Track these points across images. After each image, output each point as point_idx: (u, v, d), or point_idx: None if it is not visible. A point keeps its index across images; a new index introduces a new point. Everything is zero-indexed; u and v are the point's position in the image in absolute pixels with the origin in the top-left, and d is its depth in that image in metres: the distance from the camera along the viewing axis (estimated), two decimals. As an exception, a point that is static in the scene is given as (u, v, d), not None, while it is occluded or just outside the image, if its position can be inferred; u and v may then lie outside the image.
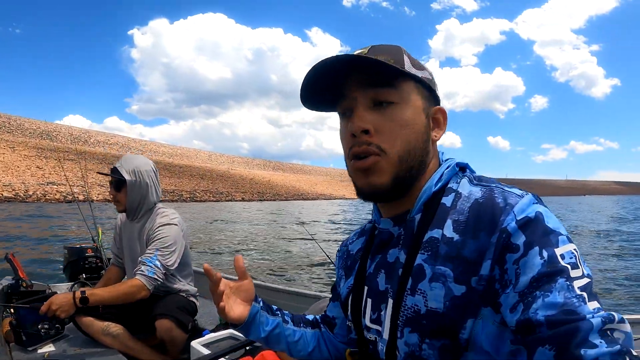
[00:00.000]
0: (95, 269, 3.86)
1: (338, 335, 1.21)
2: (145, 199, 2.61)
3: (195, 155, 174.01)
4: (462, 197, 0.84)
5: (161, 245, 2.47)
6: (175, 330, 2.39)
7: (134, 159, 2.64)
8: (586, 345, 0.59)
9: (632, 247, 13.86)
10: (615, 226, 22.21)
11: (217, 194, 61.42)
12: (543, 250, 0.69)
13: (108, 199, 19.57)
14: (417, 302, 0.81)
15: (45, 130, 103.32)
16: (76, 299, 2.16)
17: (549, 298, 0.64)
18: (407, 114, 0.86)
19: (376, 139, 0.85)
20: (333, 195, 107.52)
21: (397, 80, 0.85)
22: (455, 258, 0.78)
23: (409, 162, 0.86)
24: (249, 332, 1.11)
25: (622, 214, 37.04)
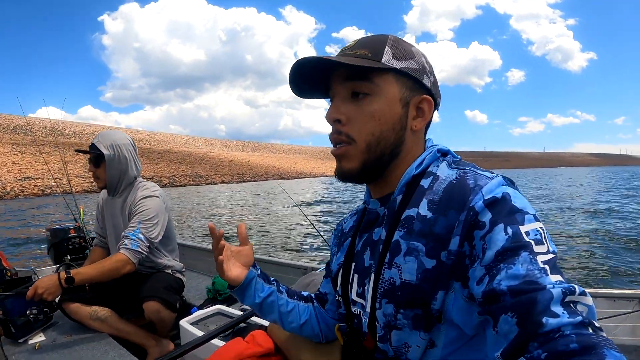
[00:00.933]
0: (80, 249, 3.84)
1: (329, 310, 1.28)
2: (125, 173, 2.59)
3: (173, 140, 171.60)
4: (439, 179, 0.89)
5: (143, 217, 2.46)
6: (164, 311, 2.39)
7: (111, 134, 2.61)
8: (548, 314, 0.60)
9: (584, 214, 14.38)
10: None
11: (197, 177, 61.14)
12: (508, 227, 0.73)
13: (87, 190, 19.67)
14: (393, 275, 0.87)
15: (18, 124, 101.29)
16: (61, 279, 2.14)
17: (512, 270, 0.68)
18: (378, 105, 0.90)
19: (347, 128, 0.92)
20: (313, 173, 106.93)
21: (372, 74, 0.90)
22: (428, 234, 0.83)
23: (377, 150, 0.92)
24: (243, 296, 1.20)
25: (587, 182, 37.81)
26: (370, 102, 0.91)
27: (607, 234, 10.88)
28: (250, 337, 1.52)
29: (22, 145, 57.30)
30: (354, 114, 0.92)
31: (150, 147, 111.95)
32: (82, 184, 33.77)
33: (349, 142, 0.92)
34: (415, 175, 0.94)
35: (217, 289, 3.04)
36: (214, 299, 3.01)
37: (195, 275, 3.74)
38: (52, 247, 3.81)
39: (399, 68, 0.91)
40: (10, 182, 36.34)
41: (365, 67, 0.88)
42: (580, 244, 9.58)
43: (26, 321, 2.33)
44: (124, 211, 2.63)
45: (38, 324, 2.41)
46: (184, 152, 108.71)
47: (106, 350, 2.19)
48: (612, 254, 8.55)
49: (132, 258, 2.35)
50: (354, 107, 0.92)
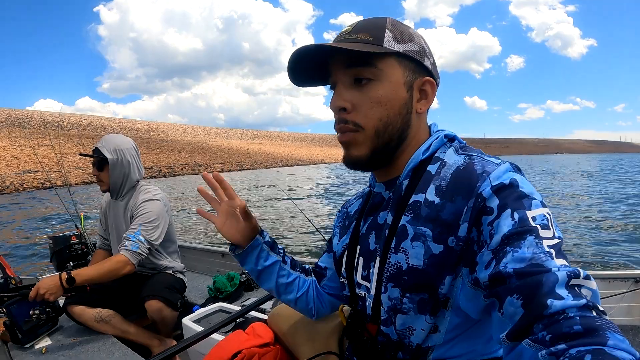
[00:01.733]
0: (82, 255, 3.85)
1: (325, 286, 1.29)
2: (127, 176, 2.65)
3: (172, 130, 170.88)
4: (446, 165, 0.89)
5: (144, 220, 2.52)
6: (165, 309, 2.44)
7: (114, 138, 2.66)
8: (553, 296, 0.61)
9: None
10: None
11: (196, 166, 60.93)
12: (515, 212, 0.73)
13: (86, 181, 19.57)
14: (399, 259, 0.87)
15: (16, 118, 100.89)
16: (63, 280, 2.19)
17: (518, 253, 0.68)
18: (383, 90, 0.89)
19: (353, 115, 0.90)
20: (312, 160, 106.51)
21: (375, 59, 0.88)
22: (435, 219, 0.83)
23: (386, 136, 0.91)
24: (245, 261, 1.21)
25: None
26: (375, 87, 0.89)
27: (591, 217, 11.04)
28: (250, 329, 1.55)
29: (20, 139, 57.04)
30: (359, 100, 0.90)
31: (148, 136, 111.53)
32: (82, 175, 33.67)
33: (356, 130, 0.91)
34: (422, 160, 0.94)
35: (217, 287, 3.08)
36: (215, 298, 3.05)
37: (196, 275, 3.79)
38: (54, 254, 3.83)
39: (401, 51, 0.90)
40: (9, 176, 36.21)
41: (369, 53, 0.87)
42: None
43: (32, 326, 2.36)
44: (126, 214, 2.68)
45: (44, 329, 2.45)
46: (183, 142, 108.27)
47: (111, 351, 2.23)
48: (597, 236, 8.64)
49: (131, 259, 2.39)
50: (358, 93, 0.90)
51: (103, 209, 2.92)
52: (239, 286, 3.16)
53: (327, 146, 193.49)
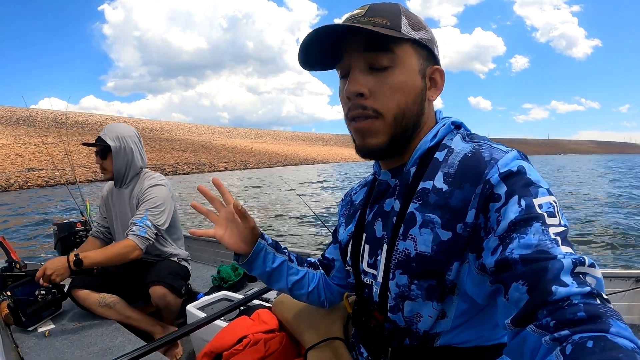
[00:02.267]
0: None
1: (334, 277, 1.29)
2: (131, 164, 2.67)
3: (176, 128, 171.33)
4: (453, 152, 0.89)
5: (151, 205, 2.54)
6: (169, 295, 2.44)
7: (117, 127, 2.69)
8: (557, 283, 0.61)
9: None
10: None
11: (200, 165, 61.07)
12: (522, 199, 0.73)
13: (90, 179, 19.70)
14: (407, 246, 0.87)
15: (21, 116, 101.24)
16: (70, 262, 2.20)
17: (524, 239, 0.69)
18: (402, 77, 0.88)
19: (371, 102, 0.88)
20: (316, 159, 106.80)
21: (392, 44, 0.87)
22: (443, 206, 0.83)
23: (404, 123, 0.90)
24: (252, 267, 1.18)
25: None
26: (393, 73, 0.88)
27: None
28: (255, 315, 1.56)
29: (25, 137, 57.24)
30: (377, 86, 0.88)
31: (153, 135, 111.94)
32: (86, 173, 33.78)
33: (375, 117, 0.89)
34: (429, 147, 0.94)
35: (222, 276, 3.08)
36: (219, 287, 3.04)
37: (200, 265, 3.78)
38: (59, 241, 3.82)
39: (417, 38, 0.90)
40: (14, 173, 36.33)
41: (390, 37, 0.85)
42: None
43: (36, 309, 2.37)
44: (131, 201, 2.68)
45: (47, 312, 2.45)
46: (187, 140, 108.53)
47: (115, 336, 2.23)
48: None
49: (139, 244, 2.40)
50: (375, 79, 0.88)
51: (104, 198, 2.92)
52: (243, 276, 3.16)
53: (331, 145, 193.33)
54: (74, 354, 2.04)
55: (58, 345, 2.14)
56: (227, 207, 1.15)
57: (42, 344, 2.17)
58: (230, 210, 1.13)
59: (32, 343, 2.18)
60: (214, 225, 1.16)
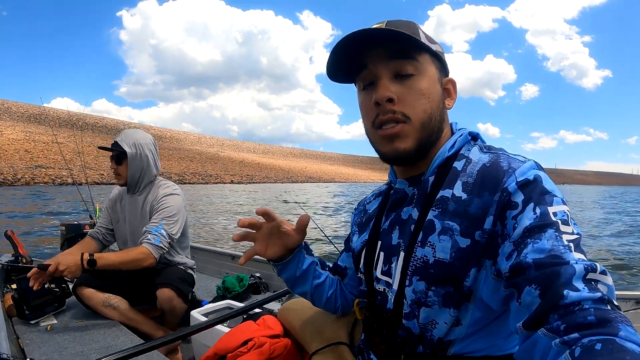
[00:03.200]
0: None
1: (347, 285, 1.30)
2: (145, 171, 2.67)
3: (185, 138, 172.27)
4: (472, 162, 0.92)
5: (166, 214, 2.55)
6: (176, 299, 2.44)
7: (134, 133, 2.70)
8: (569, 288, 0.62)
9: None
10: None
11: (206, 176, 61.25)
12: (537, 207, 0.75)
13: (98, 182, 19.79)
14: (426, 253, 0.88)
15: (33, 113, 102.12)
16: (84, 260, 2.20)
17: (538, 244, 0.70)
18: (425, 84, 0.93)
19: (400, 107, 0.91)
20: (322, 178, 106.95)
21: (416, 53, 0.92)
22: (463, 214, 0.85)
23: (429, 128, 0.94)
24: (285, 269, 1.20)
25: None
26: (419, 80, 0.92)
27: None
28: (261, 320, 1.55)
29: (35, 134, 57.56)
30: (404, 92, 0.92)
31: (162, 143, 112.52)
32: (93, 175, 33.90)
33: (404, 121, 0.92)
34: (448, 157, 0.96)
35: (227, 286, 3.06)
36: (223, 297, 3.02)
37: (205, 276, 3.77)
38: (65, 241, 3.79)
39: (434, 50, 0.95)
40: (21, 169, 36.47)
41: (413, 44, 0.90)
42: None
43: (40, 303, 2.36)
44: (144, 208, 2.69)
45: (51, 308, 2.44)
46: (195, 151, 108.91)
47: (117, 335, 2.22)
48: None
49: (154, 252, 2.42)
50: (401, 86, 0.92)
51: (112, 202, 2.91)
52: (248, 287, 3.15)
53: (338, 165, 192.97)
54: (74, 349, 2.03)
55: (59, 339, 2.13)
56: (271, 223, 1.14)
57: (44, 337, 2.15)
58: (275, 226, 1.14)
59: (34, 336, 2.16)
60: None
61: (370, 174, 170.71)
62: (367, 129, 0.99)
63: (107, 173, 36.35)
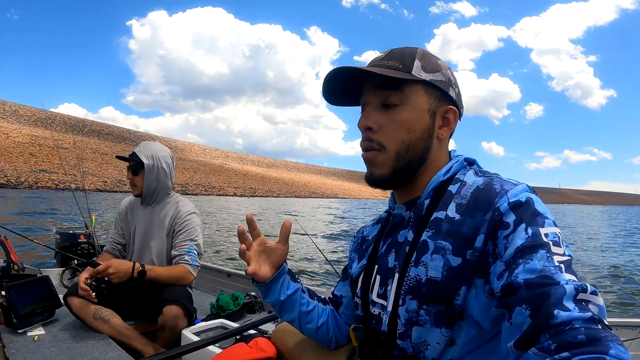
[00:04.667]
0: (87, 255, 3.78)
1: (342, 314, 1.28)
2: (161, 184, 2.69)
3: (190, 149, 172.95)
4: (466, 185, 0.94)
5: (193, 235, 2.65)
6: (182, 318, 2.38)
7: (152, 145, 2.73)
8: (560, 308, 0.63)
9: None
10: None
11: (210, 187, 61.38)
12: (529, 227, 0.77)
13: (100, 189, 19.83)
14: (419, 272, 0.89)
15: (40, 117, 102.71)
16: (135, 269, 2.30)
17: (530, 264, 0.72)
18: (408, 115, 0.95)
19: (377, 135, 0.97)
20: (326, 194, 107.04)
21: (402, 84, 0.95)
22: (455, 234, 0.87)
23: (407, 157, 0.97)
24: (268, 293, 1.19)
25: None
26: (401, 111, 0.96)
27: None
28: (253, 342, 1.50)
29: (41, 139, 57.84)
30: (384, 122, 0.97)
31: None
32: (96, 182, 33.96)
33: (379, 149, 0.97)
34: (443, 181, 0.99)
35: (221, 305, 3.00)
36: (217, 315, 2.97)
37: (198, 292, 3.69)
38: (60, 249, 3.76)
39: (428, 80, 0.97)
40: (25, 172, 36.58)
41: (396, 78, 0.94)
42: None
43: (28, 312, 2.32)
44: (161, 221, 2.71)
45: (39, 318, 2.39)
46: (200, 162, 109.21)
47: (105, 350, 2.15)
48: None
49: (193, 272, 2.59)
50: (384, 115, 0.97)
51: (122, 214, 2.89)
52: (242, 306, 3.09)
53: (342, 180, 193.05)
54: None
55: (46, 351, 2.08)
56: (256, 240, 1.17)
57: (30, 347, 2.10)
58: (260, 243, 1.16)
59: (20, 345, 2.11)
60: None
61: (374, 190, 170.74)
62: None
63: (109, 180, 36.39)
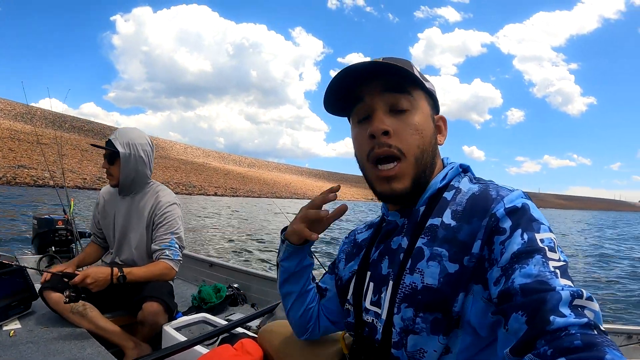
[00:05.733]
0: (65, 242, 3.68)
1: (323, 307, 1.26)
2: (139, 173, 2.56)
3: (171, 147, 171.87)
4: (461, 192, 0.93)
5: (174, 228, 2.53)
6: (162, 314, 2.30)
7: (129, 132, 2.57)
8: (555, 314, 0.64)
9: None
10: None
11: (190, 187, 61.11)
12: (525, 233, 0.78)
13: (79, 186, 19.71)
14: (414, 279, 0.88)
15: (19, 112, 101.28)
16: (114, 276, 2.21)
17: (525, 269, 0.72)
18: (419, 119, 0.95)
19: (395, 141, 0.93)
20: (307, 195, 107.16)
21: (411, 88, 0.95)
22: (452, 240, 0.86)
23: (422, 164, 0.96)
24: (291, 256, 1.15)
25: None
26: (412, 116, 0.95)
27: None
28: (239, 344, 1.48)
29: (20, 133, 57.02)
30: (399, 126, 0.94)
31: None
32: (75, 179, 33.59)
33: (399, 158, 0.94)
34: (439, 188, 0.98)
35: (202, 297, 2.96)
36: (199, 308, 2.92)
37: (180, 282, 3.61)
38: (37, 236, 3.67)
39: (427, 87, 0.98)
40: (3, 167, 36.07)
41: (408, 78, 0.93)
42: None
43: (4, 306, 2.23)
44: (140, 212, 2.59)
45: (15, 311, 2.31)
46: (181, 160, 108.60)
47: (83, 346, 2.07)
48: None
49: (175, 267, 2.49)
50: (397, 120, 0.94)
51: (100, 205, 2.78)
52: (225, 299, 3.05)
53: (323, 181, 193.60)
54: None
55: (22, 348, 1.99)
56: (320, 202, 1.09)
57: (5, 343, 2.02)
58: (321, 203, 1.08)
59: None
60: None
61: (356, 192, 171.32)
62: (362, 164, 1.01)
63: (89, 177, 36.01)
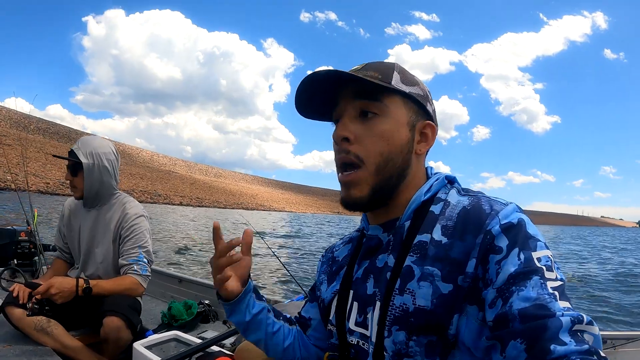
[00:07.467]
0: (29, 254, 3.56)
1: (311, 337, 1.20)
2: (103, 184, 2.44)
3: (137, 154, 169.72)
4: (450, 205, 0.89)
5: (142, 242, 2.43)
6: (124, 330, 2.18)
7: (92, 141, 2.45)
8: (556, 342, 0.62)
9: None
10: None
11: (155, 195, 60.39)
12: (521, 252, 0.75)
13: (42, 190, 19.28)
14: (405, 301, 0.84)
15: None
16: (80, 287, 2.10)
17: (523, 292, 0.70)
18: (387, 126, 0.91)
19: (355, 147, 0.91)
20: (273, 207, 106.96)
21: (381, 95, 0.91)
22: (444, 259, 0.82)
23: (386, 173, 0.91)
24: (233, 311, 1.07)
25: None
26: (379, 122, 0.91)
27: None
28: None
29: (-19, 135, 55.45)
30: (362, 133, 0.91)
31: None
32: (38, 183, 32.83)
33: (357, 165, 0.91)
34: (424, 201, 0.93)
35: (173, 314, 2.87)
36: (169, 325, 2.83)
37: (149, 299, 3.51)
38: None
39: (407, 92, 0.93)
40: (-38, 170, 34.97)
41: (378, 85, 0.89)
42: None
43: None
44: (107, 225, 2.47)
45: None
46: (147, 168, 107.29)
47: None
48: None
49: (143, 283, 2.38)
50: (362, 126, 0.92)
51: (65, 218, 2.63)
52: (196, 316, 2.97)
53: (290, 193, 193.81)
54: None
55: None
56: (225, 250, 0.99)
57: None
58: (227, 251, 0.99)
59: None
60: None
61: (322, 204, 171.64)
62: (336, 170, 0.98)
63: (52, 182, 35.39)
